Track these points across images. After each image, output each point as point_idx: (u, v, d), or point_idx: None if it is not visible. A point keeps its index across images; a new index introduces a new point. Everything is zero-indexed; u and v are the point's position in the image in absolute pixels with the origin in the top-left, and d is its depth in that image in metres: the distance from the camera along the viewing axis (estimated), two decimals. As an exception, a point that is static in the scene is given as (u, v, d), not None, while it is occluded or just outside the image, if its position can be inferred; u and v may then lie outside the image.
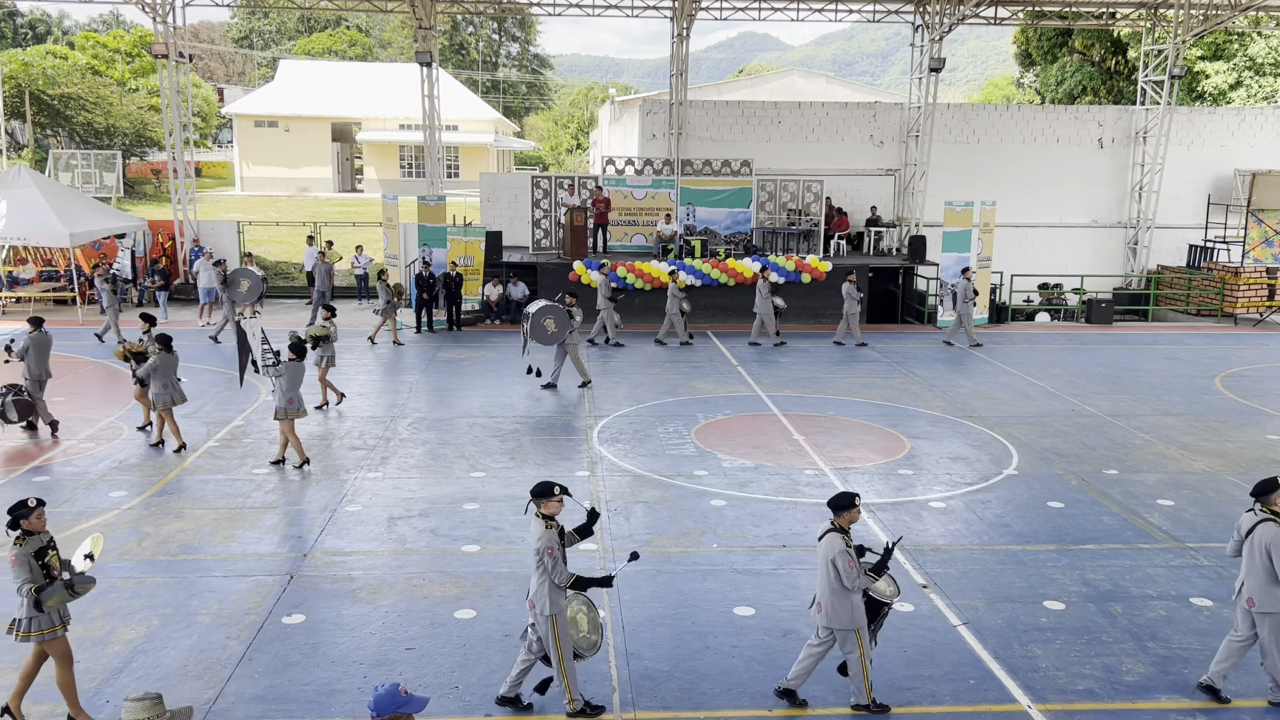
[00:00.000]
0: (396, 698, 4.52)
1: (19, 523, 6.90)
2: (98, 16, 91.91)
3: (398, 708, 4.51)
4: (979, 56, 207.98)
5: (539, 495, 7.15)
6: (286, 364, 12.60)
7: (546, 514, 7.11)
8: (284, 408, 12.54)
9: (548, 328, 16.64)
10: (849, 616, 7.16)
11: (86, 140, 49.01)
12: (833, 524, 7.29)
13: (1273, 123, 30.35)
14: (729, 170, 26.12)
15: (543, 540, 7.02)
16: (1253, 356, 21.53)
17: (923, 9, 28.14)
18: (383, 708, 4.50)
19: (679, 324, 21.48)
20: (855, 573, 7.08)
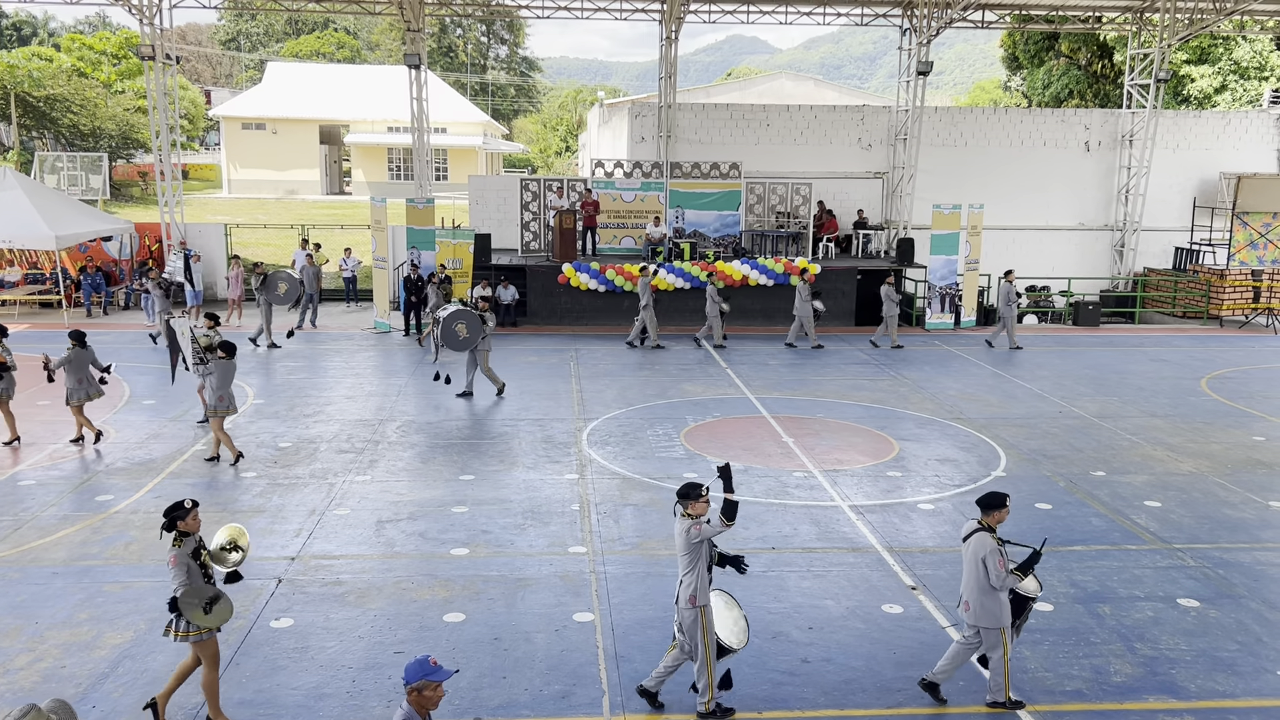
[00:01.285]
0: (425, 666, 4.94)
1: (175, 524, 6.95)
2: (84, 18, 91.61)
3: (425, 675, 4.92)
4: (966, 60, 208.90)
5: (685, 497, 7.22)
6: (216, 362, 12.76)
7: (694, 514, 7.17)
8: (215, 405, 12.76)
9: (459, 333, 16.18)
10: (996, 614, 7.25)
11: (72, 142, 48.77)
12: (980, 523, 7.40)
13: (1258, 126, 30.56)
14: (718, 173, 26.14)
15: (689, 533, 7.07)
16: (1238, 358, 21.66)
17: (910, 12, 28.24)
18: (411, 675, 4.93)
19: (717, 325, 21.52)
20: (1004, 571, 7.17)
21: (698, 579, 7.08)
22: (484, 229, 26.08)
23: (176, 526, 6.97)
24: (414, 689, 4.93)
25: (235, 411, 13.05)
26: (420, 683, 4.92)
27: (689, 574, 7.10)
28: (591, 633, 8.49)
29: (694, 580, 7.08)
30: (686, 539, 7.08)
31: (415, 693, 4.93)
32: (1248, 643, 8.53)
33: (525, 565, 9.85)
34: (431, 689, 4.95)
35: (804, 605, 9.05)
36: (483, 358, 16.55)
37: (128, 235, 26.97)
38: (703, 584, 7.08)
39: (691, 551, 7.07)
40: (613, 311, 23.82)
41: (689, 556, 7.09)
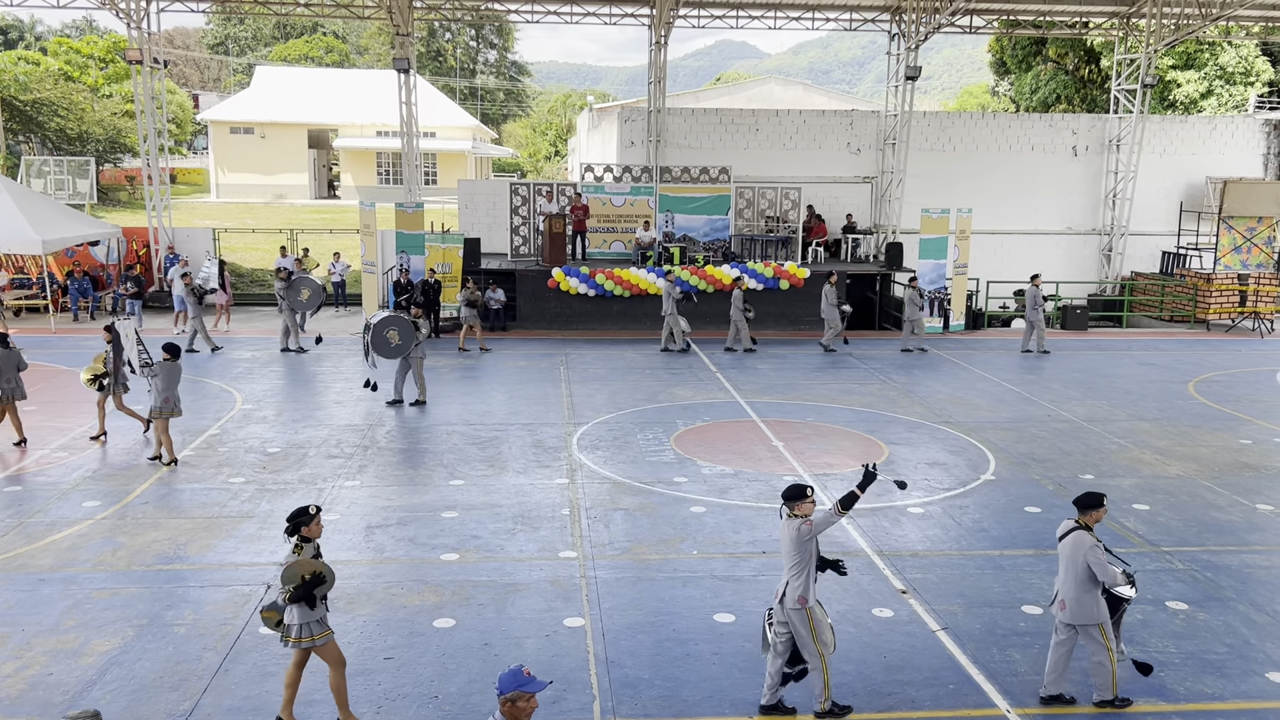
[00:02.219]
0: (519, 677, 4.93)
1: (300, 529, 6.94)
2: (71, 22, 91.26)
3: (519, 686, 4.90)
4: (954, 65, 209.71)
5: (793, 498, 7.27)
6: (161, 364, 12.81)
7: (802, 514, 7.20)
8: (159, 407, 12.81)
9: (390, 340, 15.76)
10: (1093, 611, 7.31)
11: (59, 146, 48.54)
12: (1077, 522, 7.47)
13: (1243, 131, 30.77)
14: (707, 177, 26.18)
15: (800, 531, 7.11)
16: (1225, 362, 21.77)
17: (899, 18, 28.36)
18: (506, 686, 4.92)
19: (743, 330, 21.55)
20: (1108, 565, 7.23)
21: (806, 579, 7.15)
22: (473, 233, 26.06)
23: (300, 531, 6.96)
24: (507, 699, 4.89)
25: (179, 414, 13.08)
26: (514, 693, 4.89)
27: (797, 576, 7.15)
28: (582, 638, 8.48)
29: (803, 581, 7.15)
30: (797, 537, 7.12)
31: (509, 703, 4.90)
32: (1236, 645, 8.57)
33: (515, 570, 9.83)
34: (525, 699, 4.91)
35: (794, 609, 9.05)
36: (416, 365, 16.19)
37: (115, 240, 26.84)
38: (811, 585, 7.16)
39: (800, 551, 7.13)
40: (602, 316, 23.82)
41: (798, 557, 7.14)
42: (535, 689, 4.93)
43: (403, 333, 15.81)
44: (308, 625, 6.94)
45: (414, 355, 16.05)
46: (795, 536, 7.12)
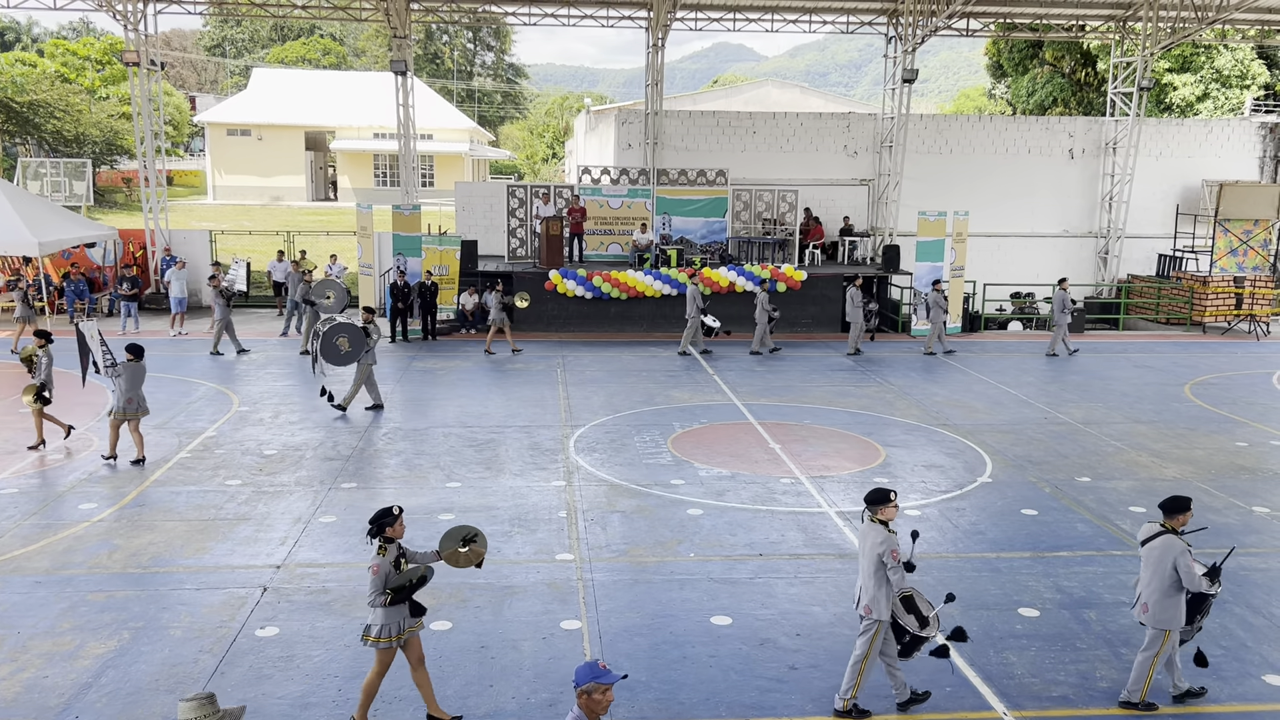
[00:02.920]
0: (594, 670, 5.01)
1: (384, 529, 6.94)
2: (67, 23, 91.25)
3: (594, 678, 4.97)
4: (951, 68, 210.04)
5: (876, 502, 7.27)
6: (124, 365, 12.92)
7: (883, 519, 7.21)
8: (123, 407, 12.95)
9: (340, 347, 15.38)
10: (1173, 617, 7.35)
11: (56, 148, 48.52)
12: (1164, 526, 7.48)
13: (1239, 134, 30.83)
14: (704, 180, 26.19)
15: (885, 544, 7.11)
16: (1221, 364, 21.81)
17: (895, 21, 28.40)
18: (581, 678, 5.00)
19: (761, 330, 21.63)
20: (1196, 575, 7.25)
21: (878, 593, 7.18)
22: (470, 236, 26.06)
23: (384, 532, 6.96)
24: (583, 691, 4.97)
25: (146, 413, 13.23)
26: (589, 685, 4.96)
27: (875, 585, 7.18)
28: (579, 640, 8.47)
29: (874, 593, 7.19)
30: (880, 556, 7.11)
31: (584, 695, 4.97)
32: (1232, 648, 8.57)
33: (512, 573, 9.82)
34: (600, 691, 4.97)
35: (791, 612, 9.06)
36: (363, 370, 15.75)
37: (111, 242, 26.82)
38: (885, 600, 7.17)
39: (879, 567, 7.16)
40: (599, 318, 23.82)
41: (875, 567, 7.16)
42: (610, 681, 4.99)
43: (353, 339, 15.44)
44: (387, 628, 6.94)
45: (364, 361, 15.66)
46: (876, 552, 7.13)
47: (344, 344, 15.44)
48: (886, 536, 7.12)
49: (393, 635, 6.95)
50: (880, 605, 7.17)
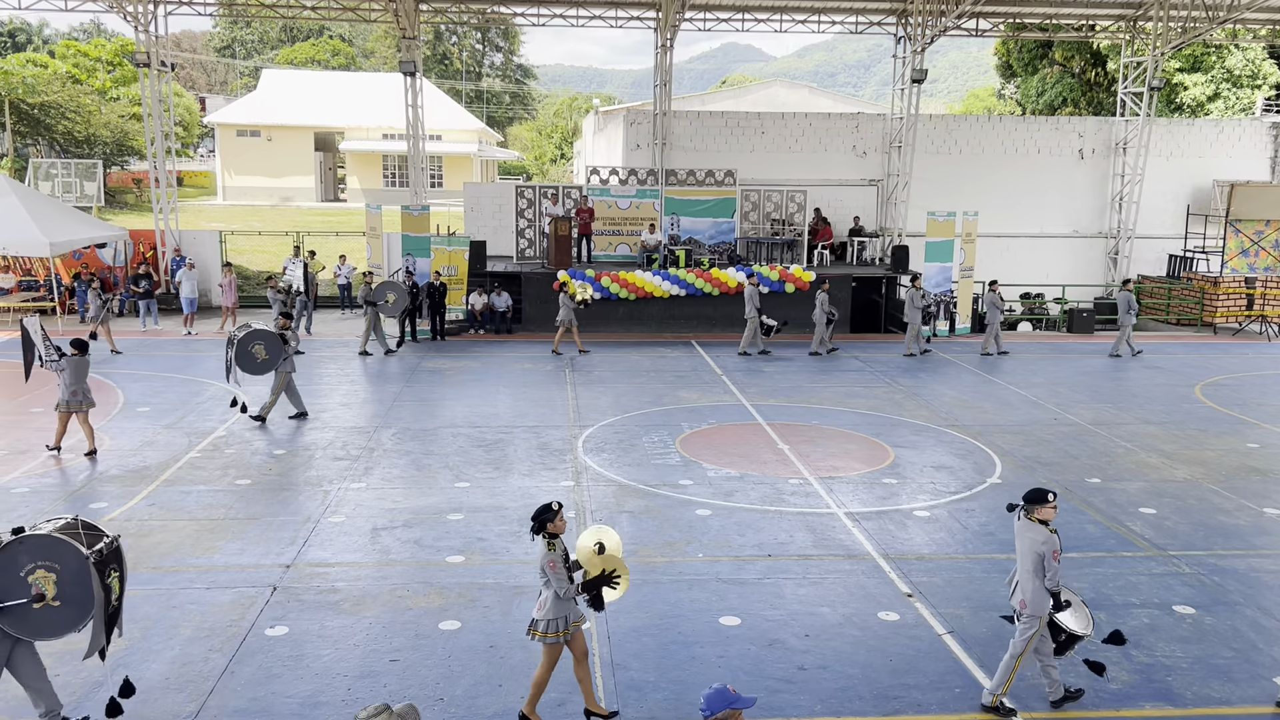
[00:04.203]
0: (727, 695, 4.79)
1: (545, 526, 7.00)
2: (78, 25, 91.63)
3: (730, 704, 4.78)
4: (960, 68, 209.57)
5: (1033, 502, 7.31)
6: (69, 359, 13.09)
7: (1042, 519, 7.24)
8: (67, 400, 13.14)
9: (256, 355, 14.80)
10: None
11: (67, 149, 48.73)
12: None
13: (1250, 134, 30.70)
14: (713, 180, 26.19)
15: (1047, 544, 7.15)
16: (1232, 365, 21.71)
17: (905, 21, 28.36)
18: (716, 705, 4.79)
19: (820, 331, 21.70)
20: None
21: (1035, 590, 7.23)
22: (479, 236, 26.11)
23: (546, 529, 7.01)
24: (719, 719, 4.81)
25: (93, 405, 13.40)
26: (725, 712, 4.79)
27: (1033, 583, 7.22)
28: (587, 640, 8.47)
29: (1032, 590, 7.23)
30: (1040, 553, 7.16)
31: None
32: (1243, 649, 8.54)
33: (521, 573, 9.83)
34: (736, 717, 4.83)
35: (800, 612, 9.04)
36: (280, 378, 15.25)
37: (122, 242, 26.93)
38: (1043, 597, 7.21)
39: (1038, 565, 7.20)
40: (608, 318, 23.83)
41: (1035, 567, 7.21)
42: (745, 705, 4.83)
43: (269, 347, 14.90)
44: (553, 622, 7.02)
45: (282, 369, 15.14)
46: (1039, 551, 7.16)
47: (260, 351, 14.85)
48: (1048, 536, 7.18)
49: (559, 630, 7.03)
50: (1039, 602, 7.22)
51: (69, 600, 6.51)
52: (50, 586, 6.47)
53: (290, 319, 15.90)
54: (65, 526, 6.69)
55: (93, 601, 6.50)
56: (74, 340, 13.27)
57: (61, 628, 6.58)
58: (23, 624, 6.53)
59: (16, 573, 6.46)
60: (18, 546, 6.48)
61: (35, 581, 6.46)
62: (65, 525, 6.71)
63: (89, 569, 6.48)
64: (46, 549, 6.47)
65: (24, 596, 6.46)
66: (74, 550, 6.47)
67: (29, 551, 6.46)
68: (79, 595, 6.50)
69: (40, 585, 6.46)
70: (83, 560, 6.47)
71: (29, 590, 6.46)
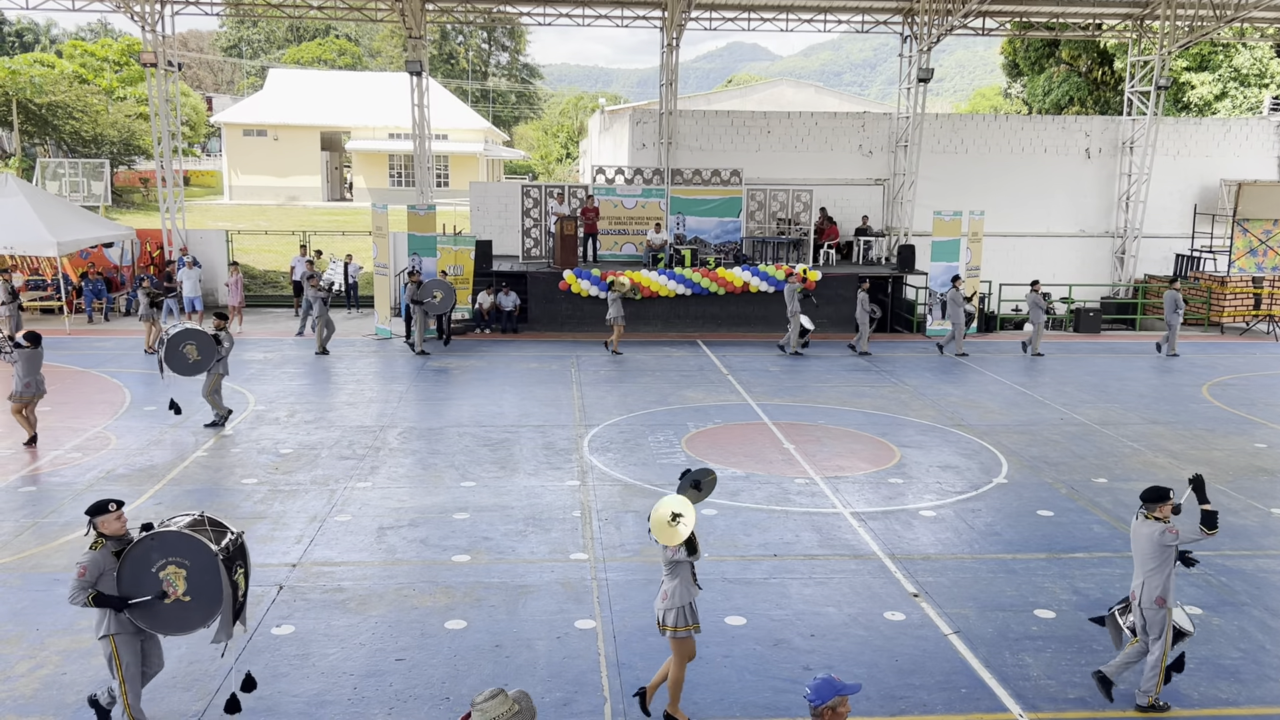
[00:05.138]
0: (834, 684, 4.91)
1: None
2: (85, 25, 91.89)
3: (838, 691, 4.89)
4: (966, 67, 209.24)
5: (1153, 500, 7.45)
6: (20, 351, 13.46)
7: (1159, 517, 7.39)
8: (20, 391, 13.55)
9: (188, 355, 14.27)
10: None
11: (74, 149, 48.84)
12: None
13: (1258, 133, 30.60)
14: (719, 180, 26.17)
15: (1165, 530, 7.30)
16: (1239, 365, 21.65)
17: (911, 20, 28.30)
18: (824, 695, 4.89)
19: (864, 331, 21.81)
20: None
21: (1165, 580, 7.33)
22: (485, 235, 26.12)
23: None
24: (828, 708, 4.89)
25: (42, 394, 13.79)
26: (834, 700, 4.89)
27: (1157, 576, 7.33)
28: (593, 640, 8.48)
29: (1162, 581, 7.33)
30: (1159, 542, 7.29)
31: (830, 710, 4.90)
32: (1250, 650, 8.51)
33: (527, 572, 9.84)
34: (844, 704, 4.93)
35: (806, 612, 9.04)
36: (212, 380, 14.78)
37: (129, 241, 27.00)
38: (1171, 585, 7.34)
39: (1160, 554, 7.32)
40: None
41: (1158, 560, 7.32)
42: (851, 691, 4.94)
43: (202, 348, 14.40)
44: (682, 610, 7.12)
45: (213, 370, 14.69)
46: (1158, 540, 7.29)
47: (191, 352, 14.34)
48: (1165, 528, 7.31)
49: (690, 623, 7.13)
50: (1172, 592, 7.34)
51: (199, 596, 6.68)
52: (180, 583, 6.65)
53: (226, 319, 15.43)
54: (193, 523, 6.84)
55: (222, 597, 6.67)
56: (27, 333, 13.68)
57: (192, 623, 6.76)
58: (154, 619, 6.72)
59: (148, 569, 6.64)
60: (150, 543, 6.65)
61: (166, 578, 6.64)
62: (193, 521, 6.86)
63: (218, 565, 6.64)
64: (177, 546, 6.65)
65: (155, 593, 6.63)
66: (204, 547, 6.63)
67: (160, 548, 6.64)
68: (209, 591, 6.67)
69: (171, 582, 6.63)
70: (212, 557, 6.63)
71: (160, 586, 6.63)
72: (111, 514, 6.74)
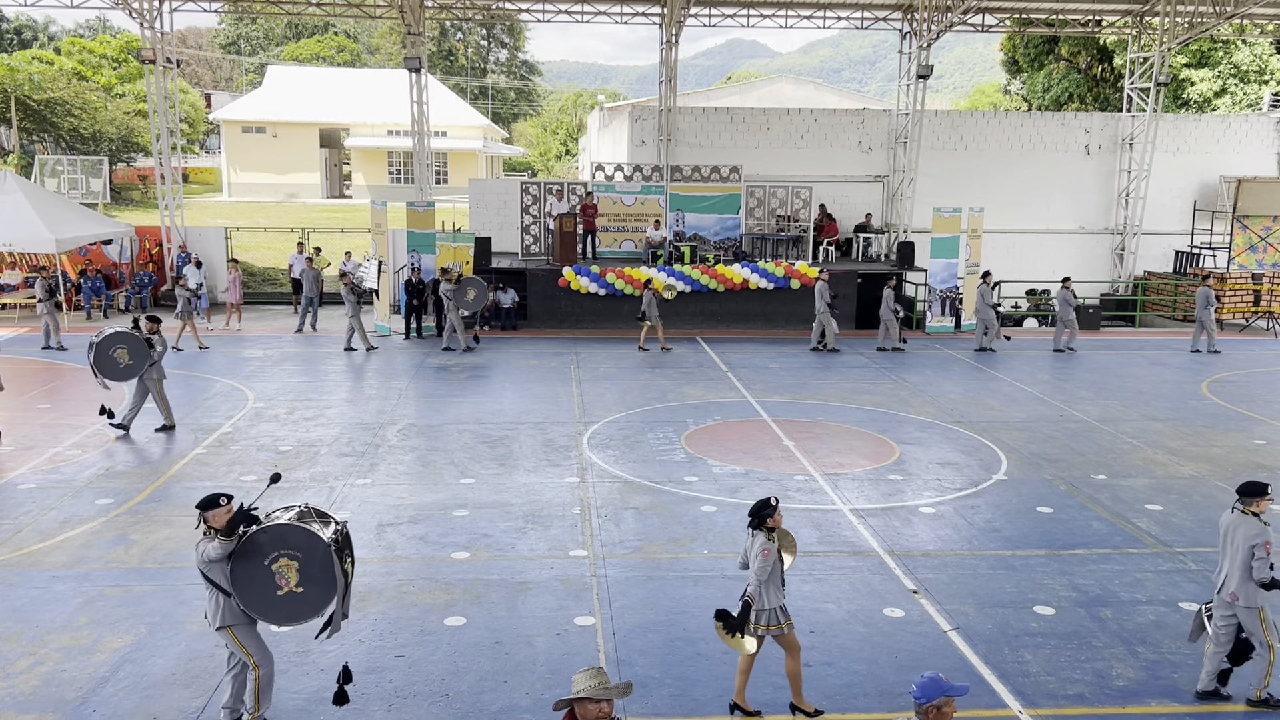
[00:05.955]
0: (941, 683, 4.92)
1: (765, 520, 7.12)
2: (84, 22, 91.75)
3: (944, 691, 4.91)
4: (966, 63, 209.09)
5: (1251, 494, 7.38)
6: None
7: (1256, 511, 7.32)
8: None
9: (119, 360, 13.80)
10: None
11: (73, 146, 48.80)
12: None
13: (1257, 130, 30.59)
14: (718, 176, 26.15)
15: (1260, 536, 7.22)
16: (1238, 362, 21.65)
17: (910, 16, 28.28)
18: (930, 693, 4.91)
19: (894, 329, 21.82)
20: None
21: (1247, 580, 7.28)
22: (484, 232, 26.10)
23: (765, 523, 7.10)
24: (933, 706, 4.92)
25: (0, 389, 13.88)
26: (940, 699, 4.91)
27: (1243, 575, 7.27)
28: (593, 636, 8.48)
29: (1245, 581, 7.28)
30: (1252, 545, 7.21)
31: (935, 710, 4.92)
32: (1250, 646, 8.51)
33: (526, 569, 9.84)
34: (949, 705, 4.95)
35: (805, 609, 9.03)
36: (155, 386, 14.24)
37: (128, 239, 26.97)
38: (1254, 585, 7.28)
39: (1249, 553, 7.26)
40: (613, 315, 23.81)
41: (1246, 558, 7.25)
42: (959, 693, 4.96)
43: (133, 351, 13.88)
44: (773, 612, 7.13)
45: (149, 376, 14.14)
46: (1251, 541, 7.21)
47: (123, 356, 13.85)
48: (1261, 529, 7.25)
49: (779, 621, 7.17)
50: (1251, 594, 7.28)
51: (312, 586, 6.72)
52: (293, 574, 6.69)
53: (158, 321, 14.51)
54: (301, 514, 6.87)
55: (335, 587, 6.72)
56: None
57: (306, 613, 6.81)
58: (269, 611, 6.78)
59: (261, 561, 6.68)
60: (261, 536, 6.69)
61: (279, 570, 6.68)
62: (301, 513, 6.89)
63: (331, 556, 6.68)
64: (289, 538, 6.69)
65: (268, 585, 6.67)
66: (316, 538, 6.68)
67: (272, 541, 6.68)
68: (323, 581, 6.72)
69: (283, 574, 6.68)
70: (325, 548, 6.68)
71: (273, 579, 6.67)
72: (222, 508, 6.79)
